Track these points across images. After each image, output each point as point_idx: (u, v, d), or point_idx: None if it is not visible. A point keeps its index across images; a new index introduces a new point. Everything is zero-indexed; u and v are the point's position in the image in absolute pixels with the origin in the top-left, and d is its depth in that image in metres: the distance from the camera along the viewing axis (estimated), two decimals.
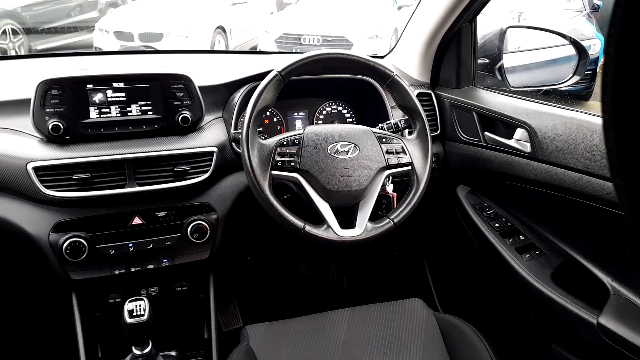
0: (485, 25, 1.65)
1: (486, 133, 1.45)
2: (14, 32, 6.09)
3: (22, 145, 1.20)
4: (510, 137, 1.38)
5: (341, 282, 2.08)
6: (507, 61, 1.63)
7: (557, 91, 1.58)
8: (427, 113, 1.34)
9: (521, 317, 1.41)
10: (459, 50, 1.58)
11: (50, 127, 1.17)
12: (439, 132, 1.60)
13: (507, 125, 1.40)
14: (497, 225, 1.46)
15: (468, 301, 1.76)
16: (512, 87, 1.58)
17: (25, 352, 1.72)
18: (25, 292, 1.71)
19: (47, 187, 1.16)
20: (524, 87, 1.63)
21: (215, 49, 6.25)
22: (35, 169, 1.16)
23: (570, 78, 1.56)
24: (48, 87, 1.17)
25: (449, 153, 1.60)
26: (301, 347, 1.19)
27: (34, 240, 1.20)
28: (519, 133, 1.34)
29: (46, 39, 6.54)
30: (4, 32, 5.95)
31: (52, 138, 1.20)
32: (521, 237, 1.41)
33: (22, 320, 1.74)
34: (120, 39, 6.05)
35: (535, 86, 1.66)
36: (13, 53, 5.98)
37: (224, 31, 6.69)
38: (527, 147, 1.31)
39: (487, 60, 1.67)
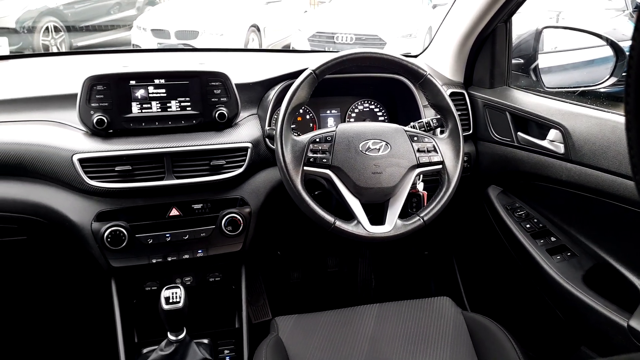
0: (522, 25, 1.64)
1: (519, 133, 1.45)
2: (56, 30, 6.28)
3: (68, 137, 1.26)
4: (543, 137, 1.37)
5: (369, 280, 2.10)
6: (543, 61, 1.62)
7: (593, 92, 1.56)
8: (459, 112, 1.35)
9: (550, 318, 1.40)
10: (493, 50, 1.57)
11: (95, 120, 1.23)
12: (471, 131, 1.60)
13: (540, 125, 1.39)
14: (528, 226, 1.45)
15: (497, 301, 1.76)
16: (547, 87, 1.57)
17: (67, 336, 1.81)
18: (68, 279, 1.79)
19: (91, 178, 1.22)
20: (559, 87, 1.62)
21: (249, 47, 6.33)
22: (81, 160, 1.21)
23: (607, 79, 1.53)
24: (94, 83, 1.23)
25: (481, 153, 1.60)
26: (329, 340, 1.22)
27: (78, 229, 1.26)
28: (553, 134, 1.34)
29: (86, 36, 6.73)
30: (47, 29, 6.14)
31: (96, 131, 1.25)
32: (552, 239, 1.40)
33: (64, 306, 1.82)
34: (157, 37, 6.19)
35: (571, 87, 1.64)
36: (55, 50, 6.16)
37: (258, 29, 6.77)
38: (561, 148, 1.31)
39: (522, 61, 1.66)
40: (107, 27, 6.92)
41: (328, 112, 1.63)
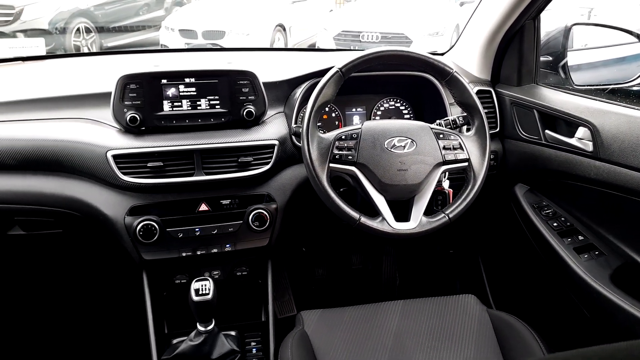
0: (552, 22, 1.63)
1: (547, 131, 1.44)
2: (87, 30, 6.42)
3: (103, 134, 1.31)
4: (571, 135, 1.36)
5: (394, 277, 2.10)
6: (572, 59, 1.60)
7: (623, 90, 1.53)
8: (486, 110, 1.34)
9: (577, 316, 1.39)
10: (521, 48, 1.56)
11: (128, 118, 1.27)
12: (498, 129, 1.59)
13: (568, 123, 1.38)
14: (555, 224, 1.44)
15: (523, 300, 1.74)
16: (576, 85, 1.55)
17: (100, 327, 1.87)
18: (101, 272, 1.85)
19: (124, 174, 1.26)
20: (588, 85, 1.60)
21: (274, 46, 6.38)
22: (114, 156, 1.26)
23: (639, 76, 1.51)
24: (127, 82, 1.27)
25: (508, 151, 1.59)
26: (353, 334, 1.23)
27: (111, 222, 1.30)
28: (581, 132, 1.32)
29: (116, 37, 6.86)
30: (78, 30, 6.28)
31: (129, 129, 1.30)
32: (580, 237, 1.39)
33: (97, 298, 1.88)
34: (185, 37, 6.29)
35: (601, 85, 1.62)
36: (86, 50, 6.30)
37: (284, 29, 6.81)
38: (589, 146, 1.29)
39: (551, 58, 1.64)
40: (136, 28, 7.04)
41: (354, 110, 1.65)
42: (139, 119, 1.28)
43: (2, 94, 1.38)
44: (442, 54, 1.76)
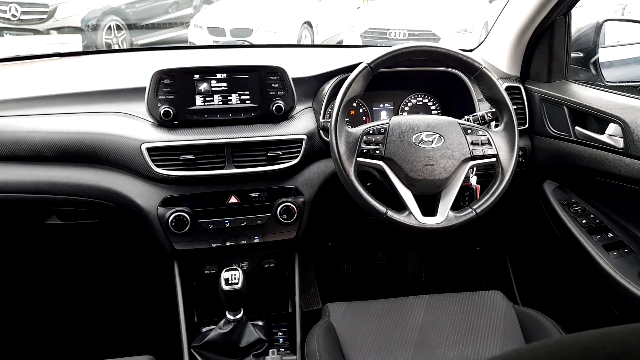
0: (583, 18, 1.61)
1: (577, 128, 1.42)
2: (118, 28, 6.55)
3: (137, 128, 1.35)
4: (602, 132, 1.34)
5: (419, 274, 2.10)
6: (603, 55, 1.58)
7: None
8: (515, 107, 1.34)
9: (605, 314, 1.38)
10: (551, 44, 1.55)
11: (161, 112, 1.31)
12: (527, 126, 1.58)
13: (599, 120, 1.36)
14: (584, 221, 1.43)
15: (550, 297, 1.73)
16: (607, 81, 1.53)
17: (133, 316, 1.93)
18: (134, 262, 1.91)
19: (158, 166, 1.30)
20: (620, 82, 1.57)
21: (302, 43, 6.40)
22: (148, 149, 1.30)
23: None
24: (161, 77, 1.31)
25: (537, 148, 1.58)
26: (379, 327, 1.25)
27: (145, 213, 1.35)
28: (612, 128, 1.31)
29: (146, 34, 6.99)
30: (109, 27, 6.42)
31: (163, 122, 1.33)
32: (609, 235, 1.37)
33: (130, 288, 1.94)
34: (213, 34, 6.36)
35: (633, 81, 1.59)
36: (116, 47, 6.45)
37: (311, 26, 6.83)
38: (620, 143, 1.28)
39: (582, 54, 1.62)
40: (165, 26, 7.16)
41: (381, 105, 1.66)
42: (172, 113, 1.31)
43: (41, 89, 1.44)
44: (470, 50, 1.75)
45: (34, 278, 1.89)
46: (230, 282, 1.19)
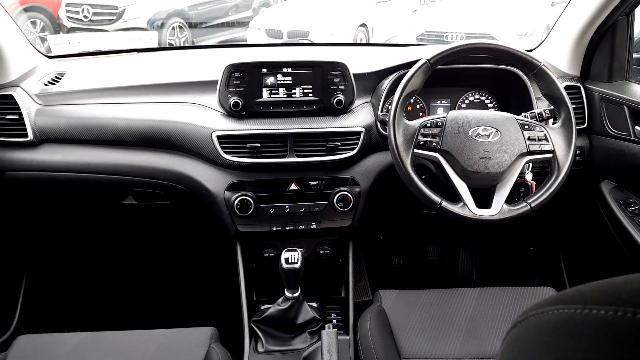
0: None
1: (637, 127, 1.42)
2: (180, 29, 6.84)
3: (208, 117, 1.45)
4: None
5: (471, 272, 2.11)
6: None
7: None
8: (574, 106, 1.34)
9: None
10: (613, 44, 1.54)
11: (231, 103, 1.41)
12: (585, 125, 1.58)
13: None
14: None
15: None
16: None
17: (198, 293, 2.06)
18: (201, 244, 2.03)
19: (226, 153, 1.40)
20: None
21: None
22: (218, 137, 1.40)
23: None
24: (232, 70, 1.41)
25: (595, 147, 1.58)
26: (429, 315, 1.29)
27: (213, 196, 1.45)
28: None
29: (206, 35, 7.25)
30: (173, 28, 6.71)
31: (232, 113, 1.43)
32: None
33: (196, 268, 2.08)
34: (271, 36, 6.53)
35: None
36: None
37: (366, 28, 6.88)
38: None
39: None
40: (225, 27, 7.41)
41: (438, 102, 1.69)
42: (240, 104, 1.41)
43: (123, 80, 1.57)
44: (530, 51, 1.76)
45: (111, 252, 2.05)
46: (290, 261, 1.27)
